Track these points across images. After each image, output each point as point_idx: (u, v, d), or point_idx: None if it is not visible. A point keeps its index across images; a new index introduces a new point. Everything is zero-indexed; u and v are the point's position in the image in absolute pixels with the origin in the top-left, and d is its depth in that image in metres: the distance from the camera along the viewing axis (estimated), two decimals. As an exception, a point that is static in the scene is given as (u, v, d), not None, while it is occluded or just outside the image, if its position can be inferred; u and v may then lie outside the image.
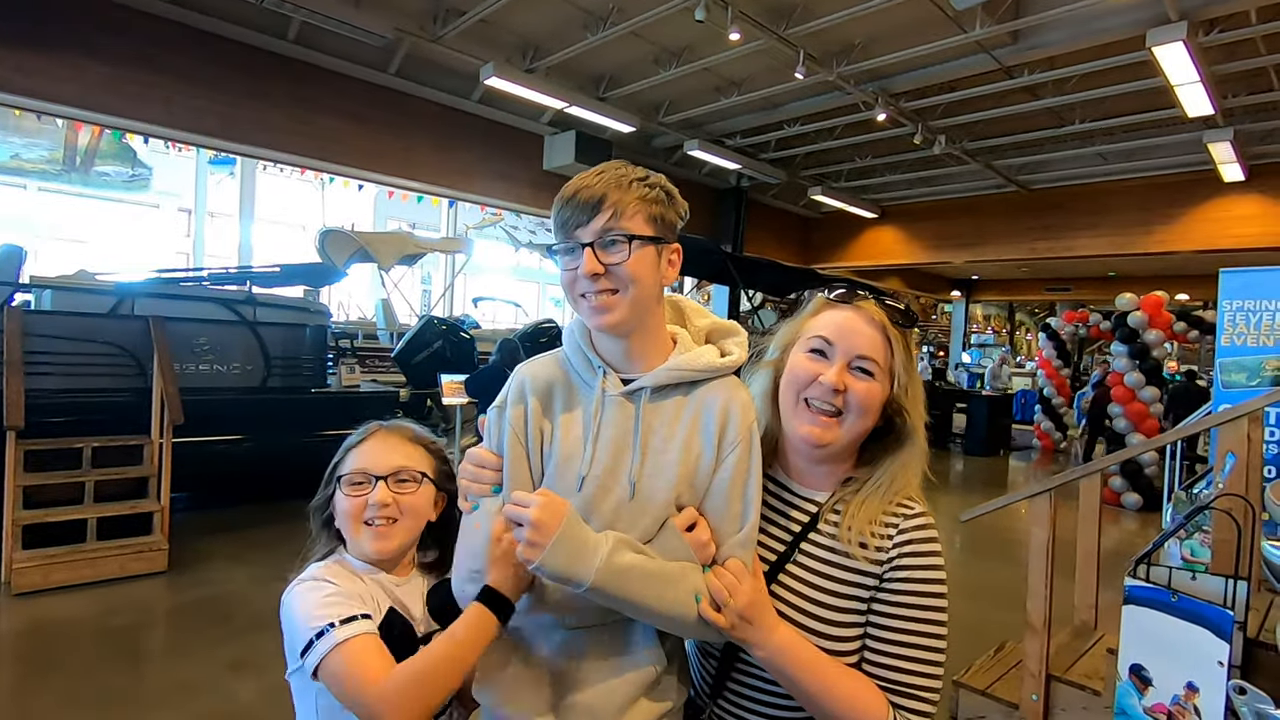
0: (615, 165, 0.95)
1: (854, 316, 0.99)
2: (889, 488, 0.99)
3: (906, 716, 0.92)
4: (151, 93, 6.58)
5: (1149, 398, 7.66)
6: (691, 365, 0.97)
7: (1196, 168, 9.49)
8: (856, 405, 0.96)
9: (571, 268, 0.92)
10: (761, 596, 0.93)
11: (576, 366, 1.00)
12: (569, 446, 0.97)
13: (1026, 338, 24.67)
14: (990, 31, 6.22)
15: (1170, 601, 2.01)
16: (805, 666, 0.92)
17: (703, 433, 0.97)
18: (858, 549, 0.96)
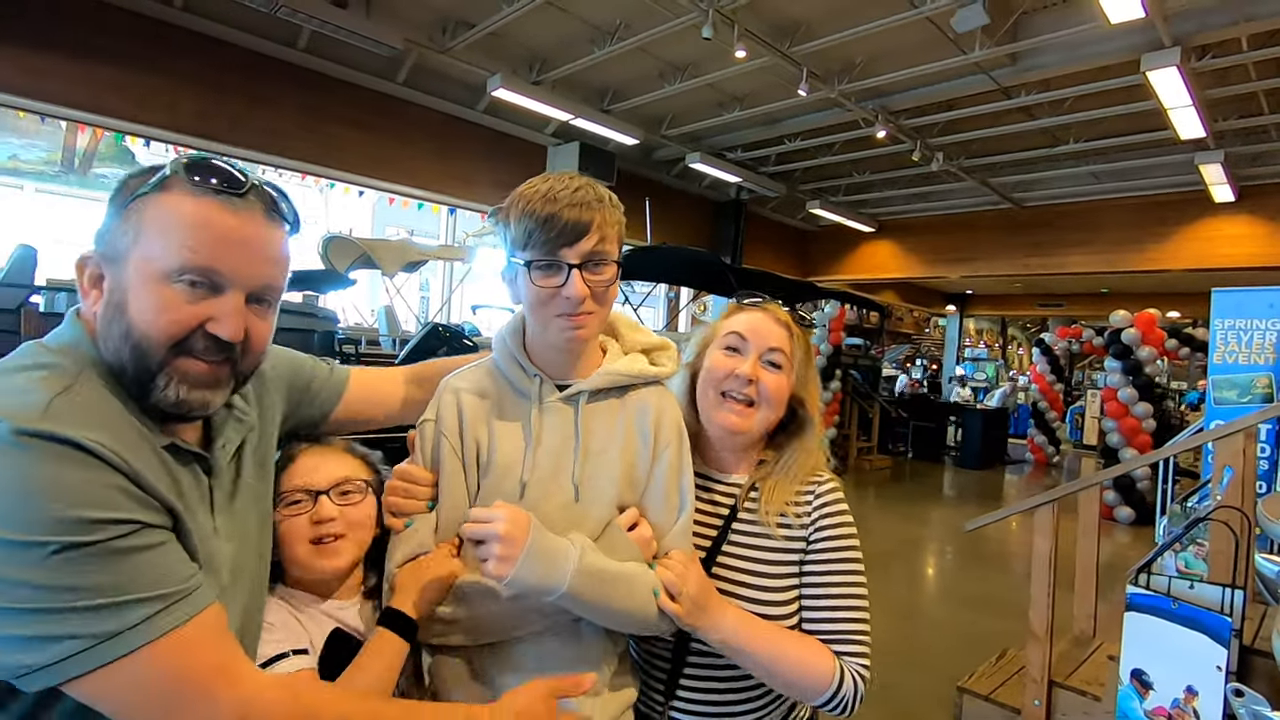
0: (580, 181, 0.95)
1: (763, 316, 1.12)
2: (798, 469, 1.10)
3: (849, 661, 1.02)
4: (157, 97, 6.63)
5: (1141, 413, 7.79)
6: (625, 371, 1.03)
7: (1188, 188, 9.68)
8: (767, 396, 1.08)
9: (552, 286, 0.92)
10: (707, 581, 1.01)
11: (509, 375, 1.02)
12: (507, 455, 0.97)
13: (1019, 352, 24.89)
14: (989, 53, 6.37)
15: (1171, 609, 2.09)
16: (757, 639, 0.99)
17: (639, 433, 1.03)
18: (777, 528, 1.07)
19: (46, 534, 0.60)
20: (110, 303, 0.73)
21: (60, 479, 0.62)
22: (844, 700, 0.99)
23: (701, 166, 9.84)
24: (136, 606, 0.63)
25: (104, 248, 0.74)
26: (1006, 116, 8.18)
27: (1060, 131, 8.63)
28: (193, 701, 0.65)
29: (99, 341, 0.74)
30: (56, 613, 0.60)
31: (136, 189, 0.74)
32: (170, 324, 0.72)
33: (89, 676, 0.61)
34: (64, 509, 0.62)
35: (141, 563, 0.65)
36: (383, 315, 11.06)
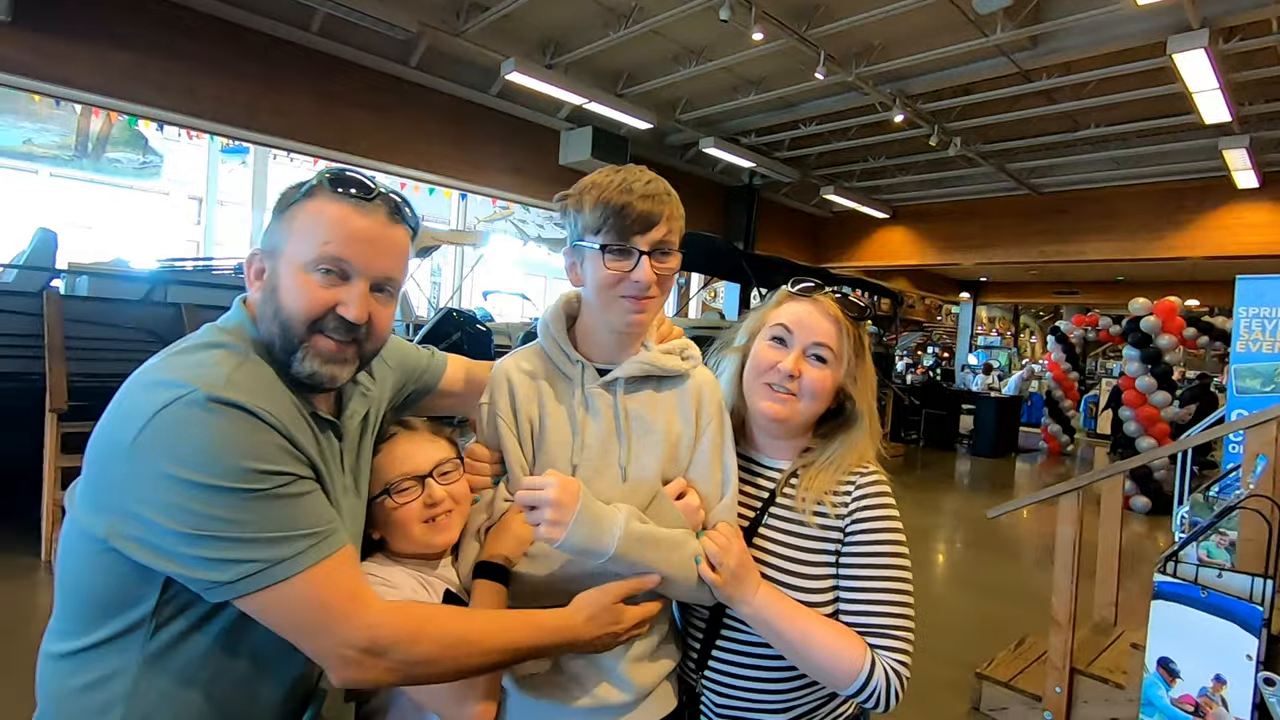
0: (650, 174, 1.01)
1: (812, 309, 1.10)
2: (841, 461, 1.10)
3: (884, 655, 1.00)
4: (174, 80, 6.63)
5: (1160, 402, 7.71)
6: (659, 363, 1.07)
7: (1209, 174, 9.53)
8: (809, 390, 1.08)
9: (622, 270, 0.98)
10: (748, 556, 1.04)
11: (556, 362, 1.08)
12: (557, 434, 1.04)
13: (1031, 340, 24.72)
14: (1010, 35, 6.26)
15: (1200, 597, 2.09)
16: (786, 618, 1.01)
17: (680, 414, 1.07)
18: (813, 518, 1.07)
19: (234, 480, 0.76)
20: (267, 288, 0.89)
21: (242, 438, 0.78)
22: (875, 693, 0.98)
23: (715, 151, 9.76)
24: (297, 540, 0.79)
25: (265, 245, 0.91)
26: (1026, 100, 8.05)
27: (1080, 116, 8.49)
28: (333, 619, 0.79)
29: (258, 323, 0.90)
30: (239, 541, 0.76)
31: (291, 198, 0.90)
32: (308, 305, 0.87)
33: (258, 594, 0.77)
34: (246, 461, 0.77)
35: (300, 506, 0.81)
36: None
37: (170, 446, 0.75)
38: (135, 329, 4.53)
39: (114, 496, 0.77)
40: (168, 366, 0.83)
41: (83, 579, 0.81)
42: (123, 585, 0.79)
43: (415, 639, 0.82)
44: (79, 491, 0.82)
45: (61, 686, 0.83)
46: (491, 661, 0.89)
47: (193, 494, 0.75)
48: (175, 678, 0.82)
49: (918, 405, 11.39)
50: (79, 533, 0.81)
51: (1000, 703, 2.90)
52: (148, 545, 0.76)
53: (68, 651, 0.82)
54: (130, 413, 0.78)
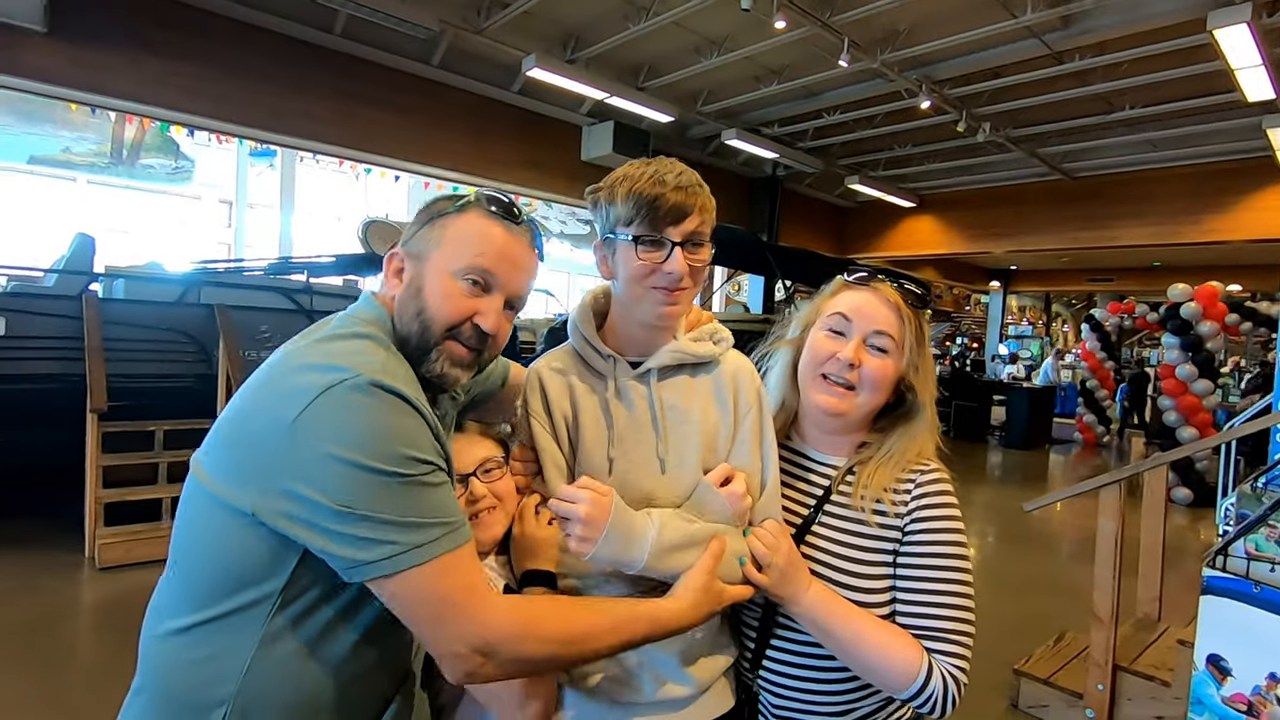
0: (682, 166, 1.01)
1: (870, 297, 1.06)
2: (900, 457, 1.05)
3: (941, 660, 0.97)
4: (203, 86, 6.75)
5: (1202, 390, 7.48)
6: (692, 350, 1.05)
7: (1252, 154, 9.19)
8: (870, 380, 1.04)
9: (655, 261, 0.97)
10: (796, 554, 1.01)
11: (586, 357, 1.08)
12: (592, 432, 1.04)
13: (1063, 329, 24.16)
14: (1041, 16, 6.09)
15: (1253, 593, 2.01)
16: (838, 618, 0.98)
17: (718, 402, 1.05)
18: (871, 515, 1.03)
19: (391, 464, 0.79)
20: (411, 287, 0.94)
21: (400, 424, 0.82)
22: (932, 698, 0.95)
23: (737, 143, 9.67)
24: (433, 528, 0.82)
25: (411, 248, 0.96)
26: (1058, 83, 7.83)
27: (1115, 97, 8.24)
28: (452, 612, 0.82)
29: (395, 318, 0.95)
30: (385, 524, 0.79)
31: (444, 209, 0.97)
32: (452, 310, 0.92)
33: (392, 577, 0.80)
34: (402, 447, 0.81)
35: (438, 495, 0.85)
36: (421, 298, 11.21)
37: (334, 427, 0.78)
38: (170, 330, 4.63)
39: (268, 472, 0.80)
40: (321, 351, 0.86)
41: (216, 552, 0.84)
42: (259, 559, 0.82)
43: (524, 639, 0.84)
44: (218, 466, 0.84)
45: (174, 660, 0.85)
46: (601, 655, 0.92)
47: (352, 473, 0.78)
48: (290, 655, 0.85)
49: (947, 396, 11.22)
50: (217, 505, 0.83)
51: (1040, 700, 2.83)
52: (300, 520, 0.79)
53: (184, 626, 0.84)
54: (290, 393, 0.81)
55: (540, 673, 0.92)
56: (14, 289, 4.71)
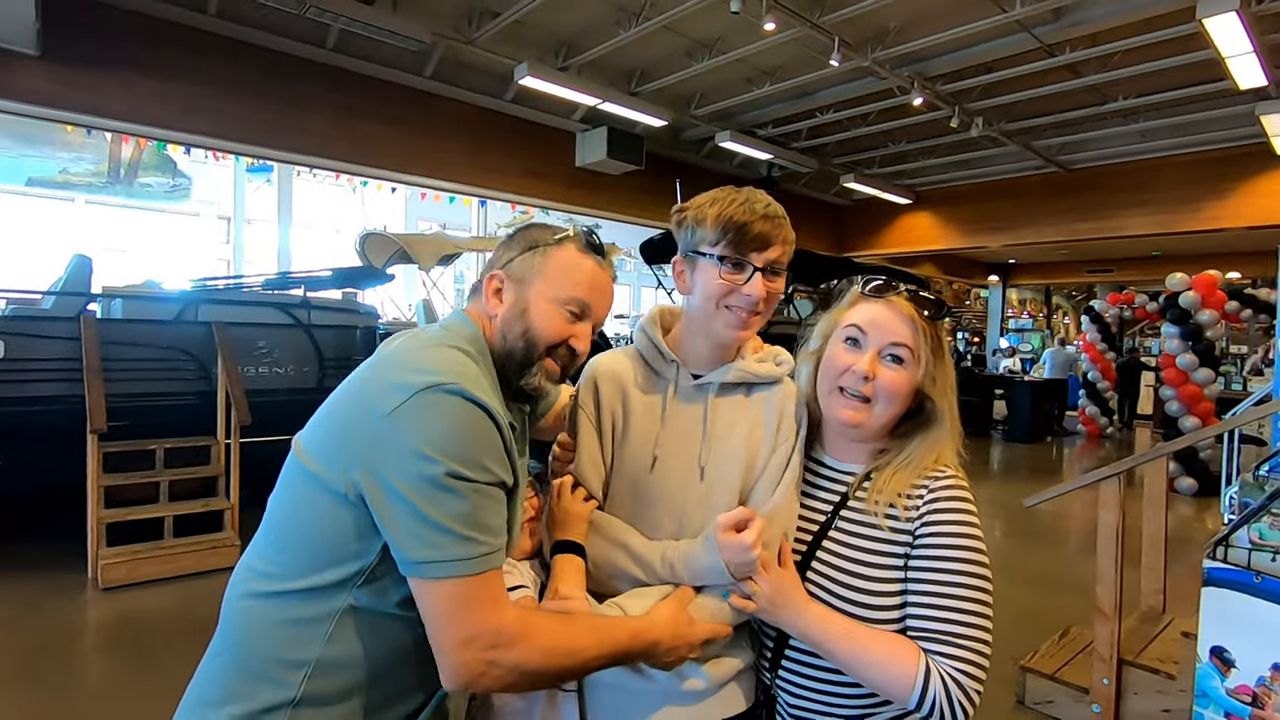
0: (769, 198, 1.09)
1: (885, 309, 1.07)
2: (917, 463, 1.06)
3: (942, 662, 0.95)
4: (199, 104, 6.78)
5: (1203, 379, 7.46)
6: (755, 371, 1.12)
7: (1248, 141, 9.17)
8: (885, 393, 1.04)
9: (735, 281, 1.05)
10: (787, 580, 1.02)
11: (650, 360, 1.15)
12: (641, 430, 1.11)
13: (1064, 321, 24.10)
14: (1031, 9, 6.10)
15: (1254, 583, 2.00)
16: (837, 636, 0.99)
17: (764, 423, 1.10)
18: (884, 520, 1.03)
19: (465, 469, 0.86)
20: (515, 309, 1.04)
21: (481, 434, 0.89)
22: (934, 704, 0.93)
23: (732, 145, 9.68)
24: (480, 544, 0.87)
25: (513, 272, 1.06)
26: (1050, 76, 7.83)
27: (1108, 88, 8.23)
28: (471, 621, 0.86)
29: (494, 334, 1.04)
30: (442, 529, 0.85)
31: (544, 240, 1.07)
32: (556, 331, 1.03)
33: (434, 581, 0.86)
34: (478, 455, 0.88)
35: (494, 510, 0.90)
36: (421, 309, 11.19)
37: (424, 423, 0.85)
38: (169, 348, 4.64)
39: (360, 454, 0.87)
40: (424, 356, 0.94)
41: (310, 527, 0.91)
42: (349, 537, 0.89)
43: (528, 650, 0.90)
44: (316, 446, 0.93)
45: (263, 621, 0.91)
46: (584, 669, 0.97)
47: (429, 468, 0.84)
48: (367, 627, 0.91)
49: (950, 392, 11.19)
50: (314, 482, 0.90)
51: (1045, 695, 2.82)
52: (379, 502, 0.86)
53: (275, 591, 0.91)
54: (392, 387, 0.88)
55: (538, 684, 0.96)
56: (12, 312, 4.73)
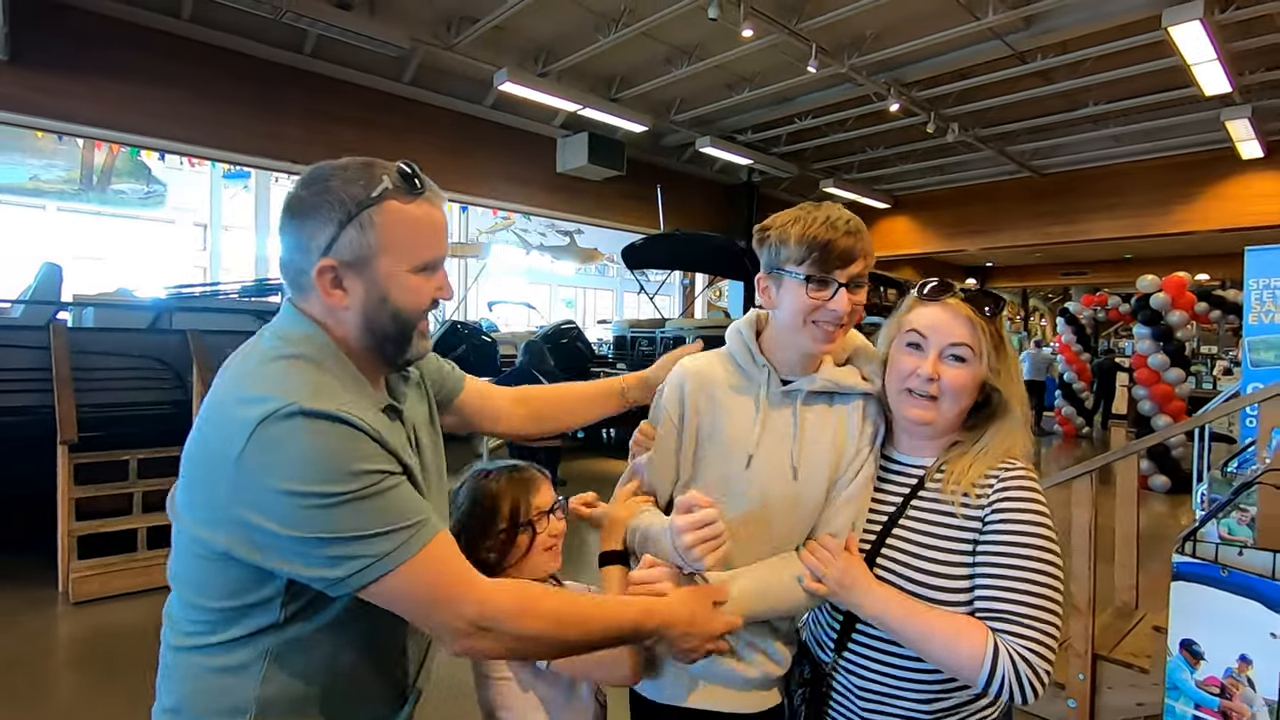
0: (849, 214, 1.11)
1: (942, 312, 1.12)
2: (992, 452, 1.10)
3: (1010, 641, 0.97)
4: (171, 109, 6.70)
5: (1174, 379, 7.61)
6: (840, 380, 1.17)
7: (1214, 146, 9.42)
8: (950, 390, 1.09)
9: (822, 298, 1.08)
10: (855, 564, 1.10)
11: (742, 364, 1.19)
12: (735, 430, 1.16)
13: (1041, 323, 24.49)
14: (1003, 17, 6.22)
15: (1220, 577, 2.05)
16: (905, 616, 1.04)
17: (849, 430, 1.17)
18: (959, 503, 1.08)
19: (335, 486, 0.80)
20: (372, 298, 0.93)
21: (337, 445, 0.82)
22: (1003, 681, 0.95)
23: (712, 150, 9.75)
24: (398, 533, 0.84)
25: (345, 256, 0.91)
26: (1022, 82, 7.99)
27: (1079, 94, 8.42)
28: (445, 600, 0.86)
29: (352, 329, 0.94)
30: (348, 540, 0.81)
31: (353, 201, 0.91)
32: (424, 300, 0.96)
33: (373, 585, 0.83)
34: (343, 467, 0.81)
35: (394, 500, 0.85)
36: (401, 315, 11.17)
37: (274, 461, 0.80)
38: (141, 357, 4.57)
39: (227, 509, 0.82)
40: (254, 380, 0.86)
41: (210, 587, 0.87)
42: (251, 587, 0.86)
43: (522, 615, 0.89)
44: (185, 503, 0.88)
45: (196, 671, 0.90)
46: (593, 641, 0.96)
47: (301, 503, 0.80)
48: (301, 660, 0.90)
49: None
50: (198, 545, 0.86)
51: (1024, 692, 2.85)
52: (269, 551, 0.82)
53: (199, 645, 0.89)
54: (230, 427, 0.82)
55: (536, 652, 0.98)
56: (-19, 321, 4.63)
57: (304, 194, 0.92)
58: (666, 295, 11.84)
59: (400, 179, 0.94)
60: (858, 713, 1.14)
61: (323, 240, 0.90)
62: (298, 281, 0.93)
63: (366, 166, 0.94)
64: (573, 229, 15.39)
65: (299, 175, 0.99)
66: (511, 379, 5.46)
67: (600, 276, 26.25)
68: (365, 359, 0.96)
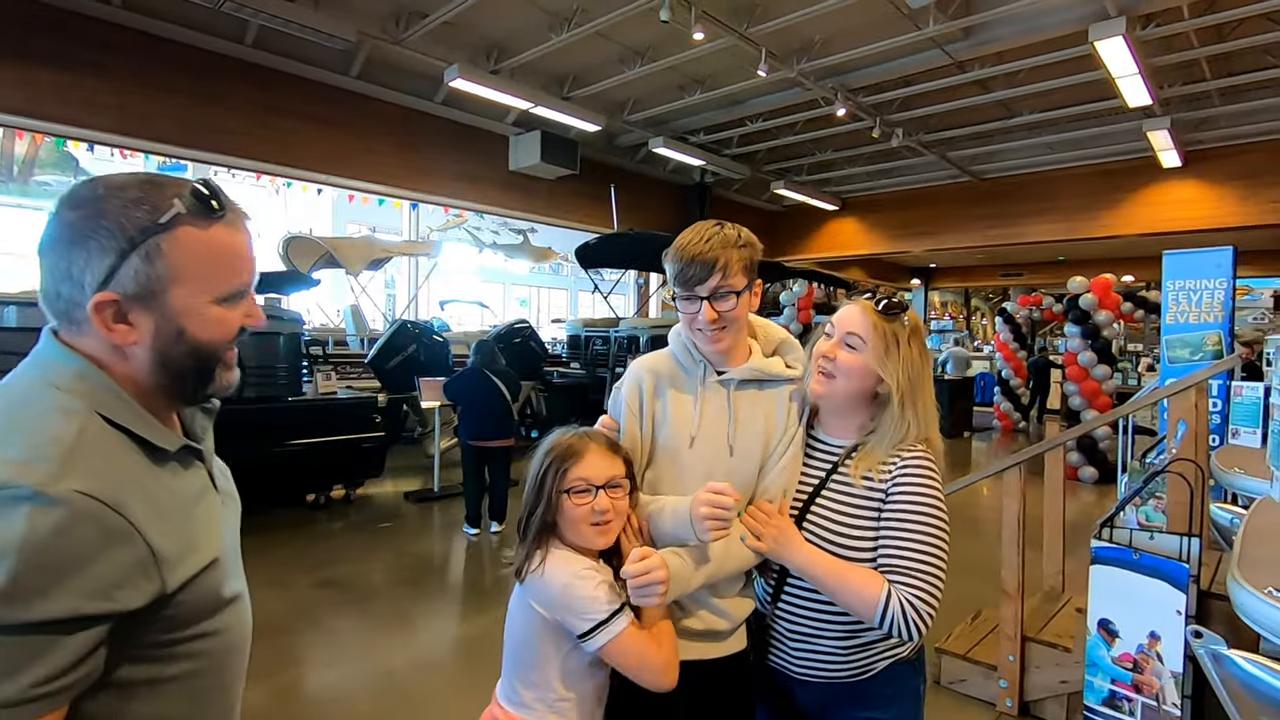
0: (713, 227, 1.28)
1: (852, 308, 1.34)
2: (888, 440, 1.29)
3: (901, 589, 1.18)
4: (101, 98, 6.41)
5: (1101, 375, 8.03)
6: (766, 369, 1.37)
7: (1138, 155, 9.95)
8: (842, 369, 1.31)
9: (691, 312, 1.29)
10: (787, 525, 1.30)
11: (682, 360, 1.39)
12: (679, 417, 1.35)
13: (982, 323, 25.43)
14: (943, 28, 6.45)
15: (1132, 559, 2.19)
16: (824, 570, 1.25)
17: (778, 412, 1.37)
18: (860, 482, 1.29)
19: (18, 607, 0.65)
20: (167, 335, 0.81)
21: (57, 547, 0.67)
22: (893, 621, 1.16)
23: (665, 151, 9.83)
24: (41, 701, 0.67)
25: (125, 289, 0.78)
26: (962, 90, 8.30)
27: (1015, 103, 8.79)
28: None
29: (140, 367, 0.82)
30: None
31: (137, 228, 0.78)
32: (229, 330, 0.87)
33: None
34: (51, 580, 0.66)
35: (71, 649, 0.68)
36: (349, 314, 10.89)
37: None
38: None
39: None
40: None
41: None
42: None
43: None
44: None
45: None
46: None
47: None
48: None
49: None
50: None
51: (959, 675, 2.99)
52: None
53: None
54: None
55: None
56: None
57: (72, 217, 0.77)
58: (621, 295, 11.88)
59: (195, 200, 0.81)
60: (790, 651, 1.36)
61: (98, 272, 0.77)
62: (69, 315, 0.79)
63: (152, 186, 0.80)
64: (526, 227, 15.25)
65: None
66: (463, 379, 5.42)
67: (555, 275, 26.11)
68: (157, 397, 0.84)
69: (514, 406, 5.43)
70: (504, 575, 4.69)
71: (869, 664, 1.32)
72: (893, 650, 1.33)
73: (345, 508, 5.95)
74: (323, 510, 5.83)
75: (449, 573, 4.72)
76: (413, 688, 3.05)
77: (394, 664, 3.25)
